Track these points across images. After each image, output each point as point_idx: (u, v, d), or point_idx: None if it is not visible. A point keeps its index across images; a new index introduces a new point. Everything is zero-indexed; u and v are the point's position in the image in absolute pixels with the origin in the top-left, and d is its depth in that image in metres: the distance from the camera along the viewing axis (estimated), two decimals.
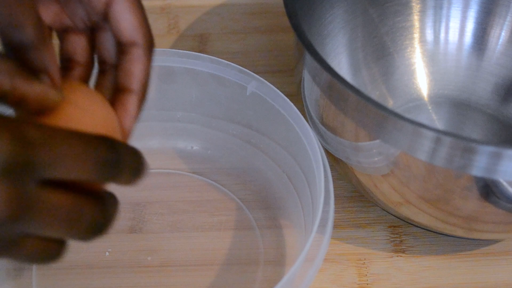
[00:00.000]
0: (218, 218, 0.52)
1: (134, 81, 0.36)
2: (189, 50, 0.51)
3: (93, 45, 0.38)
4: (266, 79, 0.49)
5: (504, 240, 0.51)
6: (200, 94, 0.53)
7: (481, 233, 0.48)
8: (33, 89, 0.31)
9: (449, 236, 0.51)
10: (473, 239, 0.51)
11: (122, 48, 0.36)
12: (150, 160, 0.34)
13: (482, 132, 0.57)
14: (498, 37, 0.58)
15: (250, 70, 0.49)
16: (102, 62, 0.38)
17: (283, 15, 0.46)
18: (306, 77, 0.47)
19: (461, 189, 0.41)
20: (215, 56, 0.50)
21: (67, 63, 0.37)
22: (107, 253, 0.50)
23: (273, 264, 0.49)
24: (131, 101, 0.36)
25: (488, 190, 0.40)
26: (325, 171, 0.44)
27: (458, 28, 0.59)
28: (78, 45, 0.38)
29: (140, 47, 0.36)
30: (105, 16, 0.36)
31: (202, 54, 0.50)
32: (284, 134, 0.49)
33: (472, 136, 0.56)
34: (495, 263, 0.50)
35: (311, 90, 0.47)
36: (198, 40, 0.66)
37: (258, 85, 0.49)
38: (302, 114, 0.47)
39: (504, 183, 0.39)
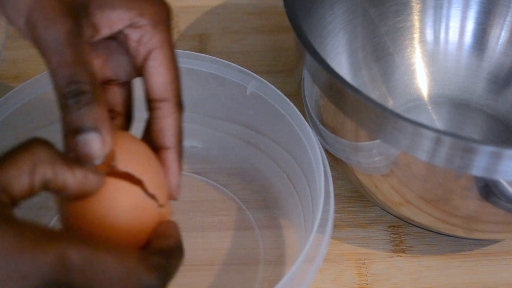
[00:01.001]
0: (218, 218, 0.52)
1: (168, 138, 0.37)
2: (189, 50, 0.51)
3: (131, 97, 0.40)
4: (266, 79, 0.49)
5: (504, 240, 0.51)
6: (200, 94, 0.53)
7: (481, 233, 0.48)
8: (74, 177, 0.32)
9: (449, 236, 0.51)
10: (473, 239, 0.51)
11: (153, 104, 0.37)
12: None
13: (482, 132, 0.57)
14: (498, 37, 0.58)
15: (250, 70, 0.49)
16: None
17: (283, 15, 0.46)
18: (306, 77, 0.47)
19: (461, 189, 0.41)
20: (215, 56, 0.50)
21: (108, 114, 0.38)
22: None
23: (273, 264, 0.49)
24: (170, 158, 0.38)
25: (488, 190, 0.40)
26: (325, 171, 0.44)
27: (458, 28, 0.59)
28: (119, 96, 0.39)
29: (171, 103, 0.37)
30: (141, 71, 0.37)
31: (202, 54, 0.50)
32: (284, 134, 0.49)
33: (472, 136, 0.56)
34: (495, 263, 0.50)
35: (311, 90, 0.47)
36: (198, 40, 0.66)
37: (258, 85, 0.49)
38: (302, 114, 0.47)
39: (504, 183, 0.39)
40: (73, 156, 0.33)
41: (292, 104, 0.47)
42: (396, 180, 0.44)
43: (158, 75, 0.37)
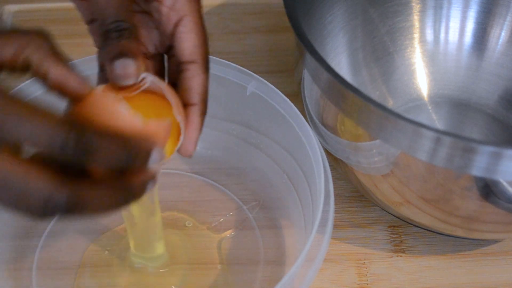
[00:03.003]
0: (218, 218, 0.52)
1: (194, 95, 0.40)
2: None
3: (163, 69, 0.43)
4: (266, 79, 0.49)
5: (504, 240, 0.51)
6: None
7: (481, 233, 0.48)
8: (57, 70, 0.34)
9: (449, 236, 0.51)
10: (473, 239, 0.51)
11: (182, 67, 0.40)
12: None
13: (482, 132, 0.57)
14: (498, 37, 0.58)
15: (250, 70, 0.49)
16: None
17: (283, 15, 0.46)
18: (306, 77, 0.47)
19: (461, 189, 0.41)
20: (215, 56, 0.50)
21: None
22: (106, 252, 0.50)
23: (273, 264, 0.49)
24: (194, 113, 0.40)
25: (488, 190, 0.40)
26: (325, 171, 0.44)
27: (458, 28, 0.59)
28: (151, 68, 0.42)
29: (198, 64, 0.40)
30: (172, 38, 0.40)
31: None
32: (284, 134, 0.49)
33: (472, 136, 0.56)
34: (495, 263, 0.50)
35: (311, 90, 0.47)
36: None
37: (258, 85, 0.49)
38: (302, 114, 0.47)
39: (504, 183, 0.39)
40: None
41: (292, 104, 0.47)
42: (396, 180, 0.44)
43: (188, 39, 0.40)
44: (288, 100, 0.47)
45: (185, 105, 0.40)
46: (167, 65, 0.43)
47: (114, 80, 0.37)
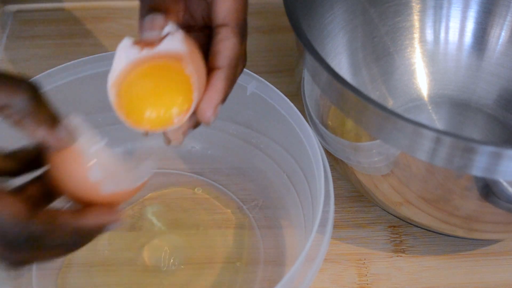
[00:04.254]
0: (218, 218, 0.52)
1: (220, 58, 0.38)
2: None
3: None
4: (266, 79, 0.49)
5: (504, 240, 0.51)
6: None
7: (481, 233, 0.48)
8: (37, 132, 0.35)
9: (449, 236, 0.51)
10: (473, 239, 0.51)
11: (214, 30, 0.39)
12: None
13: (482, 132, 0.57)
14: (498, 37, 0.58)
15: (250, 70, 0.49)
16: None
17: (283, 15, 0.46)
18: (306, 77, 0.47)
19: (461, 189, 0.41)
20: None
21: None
22: (106, 251, 0.50)
23: (273, 264, 0.49)
24: (217, 76, 0.38)
25: (488, 190, 0.40)
26: (325, 171, 0.44)
27: (458, 28, 0.59)
28: (198, 41, 0.40)
29: (230, 28, 0.39)
30: (211, 3, 0.40)
31: None
32: (284, 134, 0.49)
33: (472, 136, 0.56)
34: (495, 263, 0.50)
35: (311, 90, 0.47)
36: None
37: (258, 85, 0.49)
38: (302, 114, 0.47)
39: (504, 183, 0.39)
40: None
41: (292, 104, 0.47)
42: (396, 180, 0.44)
43: (223, 3, 0.39)
44: (288, 100, 0.47)
45: (211, 69, 0.38)
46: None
47: (141, 33, 0.37)
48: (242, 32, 0.39)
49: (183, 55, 0.37)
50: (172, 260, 0.49)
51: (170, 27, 0.37)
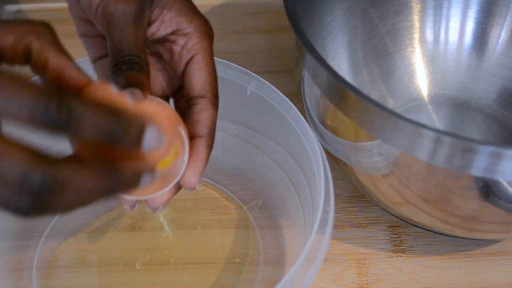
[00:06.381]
0: (218, 218, 0.52)
1: (201, 127, 0.40)
2: None
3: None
4: (266, 79, 0.49)
5: (504, 240, 0.51)
6: None
7: (481, 233, 0.48)
8: (57, 59, 0.34)
9: (449, 236, 0.51)
10: (473, 239, 0.51)
11: (191, 101, 0.41)
12: None
13: (482, 132, 0.57)
14: (498, 37, 0.58)
15: (250, 70, 0.49)
16: None
17: (283, 15, 0.46)
18: (306, 77, 0.47)
19: (461, 189, 0.41)
20: (215, 56, 0.50)
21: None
22: (106, 251, 0.50)
23: (273, 264, 0.49)
24: (200, 144, 0.39)
25: (488, 190, 0.40)
26: (325, 171, 0.44)
27: (458, 28, 0.59)
28: None
29: (207, 99, 0.40)
30: (183, 76, 0.41)
31: None
32: (284, 134, 0.49)
33: (472, 136, 0.56)
34: (495, 263, 0.50)
35: (311, 90, 0.47)
36: None
37: (258, 85, 0.49)
38: (302, 114, 0.47)
39: (504, 183, 0.39)
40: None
41: (292, 104, 0.47)
42: (396, 180, 0.44)
43: (199, 76, 0.41)
44: (288, 100, 0.47)
45: (192, 137, 0.40)
46: (174, 107, 0.43)
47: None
48: (217, 102, 0.41)
49: (170, 121, 0.37)
50: (172, 260, 0.49)
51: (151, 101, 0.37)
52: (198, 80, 0.41)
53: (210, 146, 0.40)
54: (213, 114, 0.41)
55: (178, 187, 0.40)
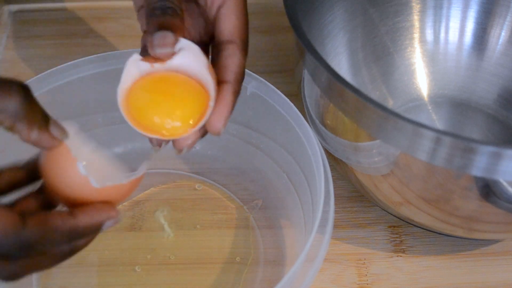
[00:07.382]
0: (218, 218, 0.52)
1: (229, 73, 0.40)
2: None
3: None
4: (266, 79, 0.49)
5: (504, 240, 0.51)
6: None
7: (481, 233, 0.48)
8: (29, 135, 0.35)
9: (449, 236, 0.51)
10: (473, 239, 0.51)
11: (220, 46, 0.41)
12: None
13: (482, 132, 0.57)
14: (498, 37, 0.58)
15: (250, 70, 0.49)
16: None
17: (283, 15, 0.46)
18: (306, 77, 0.47)
19: (461, 189, 0.41)
20: None
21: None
22: (106, 251, 0.50)
23: (273, 264, 0.49)
24: (226, 89, 0.39)
25: (488, 190, 0.40)
26: (325, 171, 0.44)
27: (458, 28, 0.59)
28: None
29: (236, 44, 0.41)
30: (214, 20, 0.42)
31: None
32: (284, 134, 0.49)
33: (472, 136, 0.56)
34: (495, 263, 0.50)
35: (311, 90, 0.47)
36: None
37: (258, 85, 0.49)
38: (302, 114, 0.47)
39: (504, 183, 0.39)
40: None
41: (292, 104, 0.47)
42: (396, 180, 0.44)
43: (229, 20, 0.41)
44: (288, 100, 0.47)
45: (219, 82, 0.40)
46: (211, 53, 0.43)
47: (152, 50, 0.38)
48: (246, 48, 0.41)
49: (198, 68, 0.39)
50: (172, 260, 0.49)
51: (181, 43, 0.39)
52: (227, 25, 0.41)
53: (236, 92, 0.40)
54: (241, 59, 0.41)
55: (204, 131, 0.40)
